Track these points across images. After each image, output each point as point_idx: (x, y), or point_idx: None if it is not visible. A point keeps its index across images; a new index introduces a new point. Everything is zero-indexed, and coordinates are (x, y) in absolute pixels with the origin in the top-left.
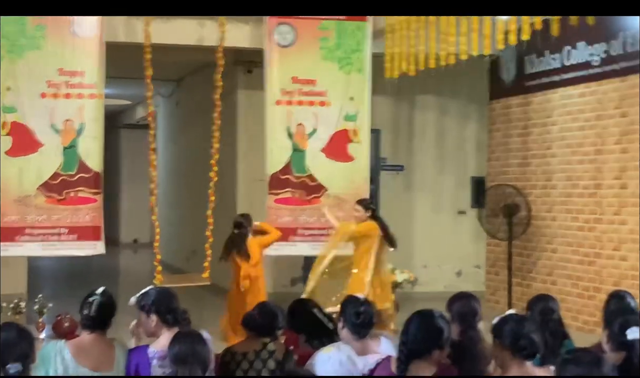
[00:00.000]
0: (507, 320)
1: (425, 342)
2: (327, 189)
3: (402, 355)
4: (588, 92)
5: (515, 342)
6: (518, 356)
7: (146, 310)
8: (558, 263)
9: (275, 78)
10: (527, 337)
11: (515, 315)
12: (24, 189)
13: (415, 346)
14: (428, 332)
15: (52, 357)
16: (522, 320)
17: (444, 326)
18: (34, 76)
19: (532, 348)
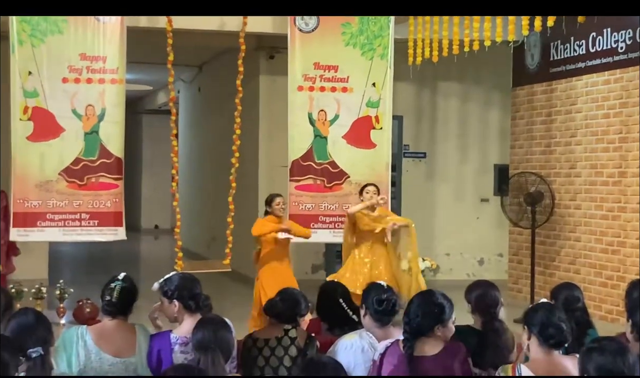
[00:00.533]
0: (539, 308)
1: (426, 318)
2: (349, 176)
3: (407, 334)
4: (613, 79)
5: (544, 330)
6: (546, 344)
7: (169, 295)
8: (581, 251)
9: (297, 64)
10: (555, 326)
11: (546, 304)
12: (45, 175)
13: (418, 324)
14: (429, 308)
15: (74, 341)
16: (552, 309)
17: (444, 303)
18: (55, 60)
19: (560, 336)
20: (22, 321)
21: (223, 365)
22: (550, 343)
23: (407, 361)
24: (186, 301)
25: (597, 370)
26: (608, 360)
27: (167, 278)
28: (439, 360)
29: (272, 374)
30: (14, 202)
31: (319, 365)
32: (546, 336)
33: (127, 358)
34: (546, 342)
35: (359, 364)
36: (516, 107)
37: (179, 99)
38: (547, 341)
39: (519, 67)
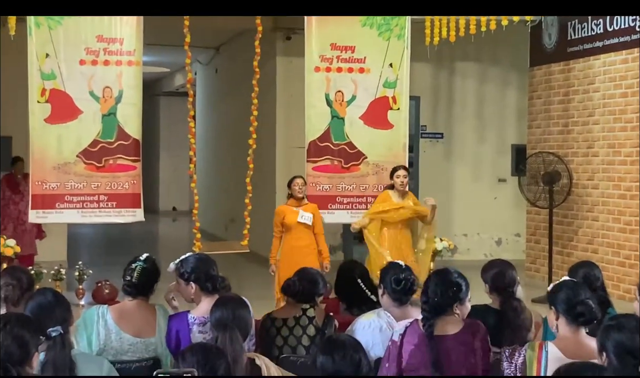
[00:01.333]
0: (562, 286)
1: (444, 297)
2: (366, 157)
3: (426, 313)
4: (631, 58)
5: (572, 309)
6: (574, 323)
7: (185, 278)
8: (599, 231)
9: (314, 45)
10: (584, 303)
11: (569, 282)
12: (63, 157)
13: (436, 302)
14: (446, 287)
15: (95, 321)
16: (576, 287)
17: (460, 281)
18: (73, 43)
19: (590, 315)
20: (41, 301)
21: (241, 343)
22: (580, 321)
23: (428, 340)
24: (203, 283)
25: (615, 347)
26: (626, 337)
27: (183, 259)
28: (459, 338)
29: (291, 353)
30: (32, 184)
31: (337, 343)
32: (575, 314)
33: (147, 338)
34: (575, 320)
35: (377, 343)
36: (533, 87)
37: (196, 81)
38: (576, 319)
39: (537, 47)
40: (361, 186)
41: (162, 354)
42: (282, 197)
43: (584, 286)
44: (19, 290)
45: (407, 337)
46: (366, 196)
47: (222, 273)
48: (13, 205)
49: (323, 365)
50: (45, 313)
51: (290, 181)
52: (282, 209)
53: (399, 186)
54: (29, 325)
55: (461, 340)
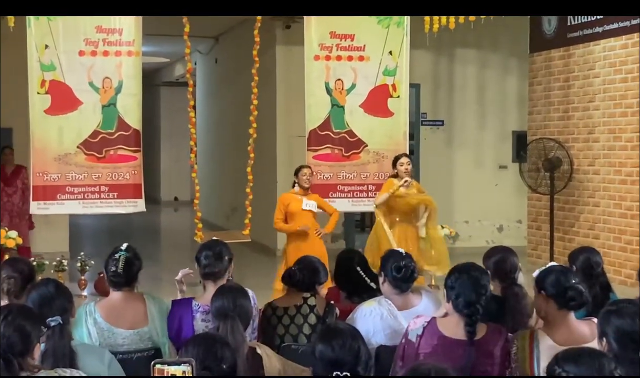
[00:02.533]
0: (551, 271)
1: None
2: (367, 145)
3: (470, 319)
4: (631, 44)
5: (562, 293)
6: (565, 307)
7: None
8: (600, 216)
9: (313, 33)
10: (574, 288)
11: (558, 266)
12: (64, 148)
13: (481, 311)
14: (481, 292)
15: (84, 320)
16: (565, 271)
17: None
18: (72, 33)
19: (580, 298)
20: (43, 292)
21: (242, 333)
22: (571, 306)
23: (468, 345)
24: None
25: (615, 332)
26: (627, 322)
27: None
28: (483, 344)
29: (292, 342)
30: (33, 175)
31: (336, 331)
32: (566, 299)
33: (141, 329)
34: (566, 304)
35: (378, 331)
36: (534, 73)
37: (196, 71)
38: (567, 304)
39: (536, 33)
40: (362, 175)
41: (159, 342)
42: (283, 186)
43: (573, 271)
44: (21, 281)
45: (425, 338)
46: (367, 184)
47: None
48: (6, 197)
49: (322, 353)
50: (46, 304)
51: (298, 170)
52: (287, 196)
53: (403, 173)
54: (30, 316)
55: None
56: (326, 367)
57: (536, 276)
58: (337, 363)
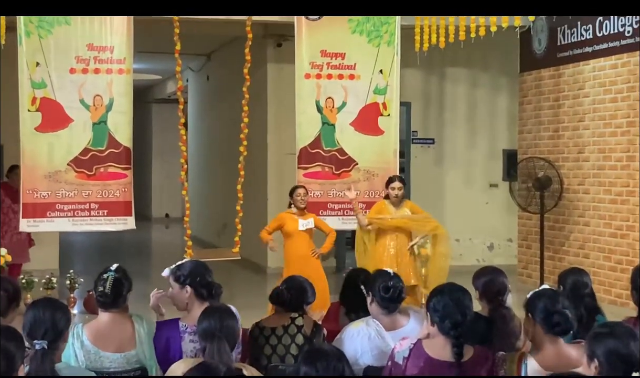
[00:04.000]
0: (541, 295)
1: (463, 325)
2: (357, 163)
3: (457, 341)
4: (620, 64)
5: (549, 318)
6: (551, 332)
7: (181, 281)
8: (590, 236)
9: (304, 52)
10: (560, 313)
11: (549, 290)
12: (54, 165)
13: (464, 331)
14: (466, 312)
15: (70, 342)
16: (555, 296)
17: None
18: (63, 51)
19: (565, 324)
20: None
21: (229, 354)
22: (556, 331)
23: (456, 366)
24: (198, 288)
25: (606, 354)
26: (618, 344)
27: (180, 264)
28: (468, 366)
29: (279, 362)
30: (23, 193)
31: (320, 353)
32: (551, 324)
33: (128, 352)
34: (551, 329)
35: (365, 351)
36: (524, 92)
37: (188, 88)
38: (552, 329)
39: (526, 52)
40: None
41: (145, 364)
42: (273, 203)
43: (564, 295)
44: (7, 300)
45: (412, 360)
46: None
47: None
48: (12, 214)
49: (306, 374)
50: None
51: (292, 190)
52: (284, 216)
53: (393, 197)
54: (14, 337)
55: (470, 369)
56: None
57: (527, 299)
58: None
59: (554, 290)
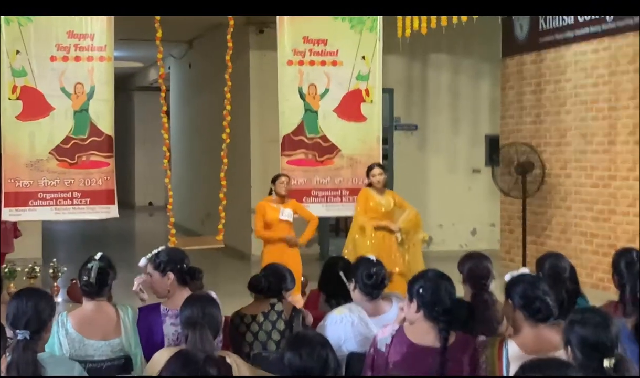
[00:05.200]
0: (520, 280)
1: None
2: (340, 150)
3: (445, 325)
4: (602, 48)
5: (529, 305)
6: (532, 318)
7: (162, 268)
8: (572, 220)
9: (286, 38)
10: (541, 299)
11: (528, 276)
12: (35, 154)
13: (451, 317)
14: (451, 297)
15: (55, 330)
16: (535, 281)
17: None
18: (43, 39)
19: (547, 311)
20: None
21: (212, 342)
22: (537, 318)
23: (441, 353)
24: (180, 273)
25: (579, 341)
26: (590, 332)
27: (156, 252)
28: (451, 352)
29: (261, 349)
30: (5, 182)
31: (304, 340)
32: (532, 310)
33: (112, 340)
34: (533, 316)
35: (349, 338)
36: (506, 77)
37: (170, 76)
38: (533, 315)
39: (508, 38)
40: (336, 179)
41: (130, 352)
42: (257, 191)
43: (543, 281)
44: None
45: (395, 346)
46: (341, 189)
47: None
48: None
49: (290, 361)
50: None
51: (275, 178)
52: (263, 205)
53: (376, 184)
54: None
55: (452, 354)
56: (294, 375)
57: (505, 284)
58: (305, 371)
59: (533, 275)
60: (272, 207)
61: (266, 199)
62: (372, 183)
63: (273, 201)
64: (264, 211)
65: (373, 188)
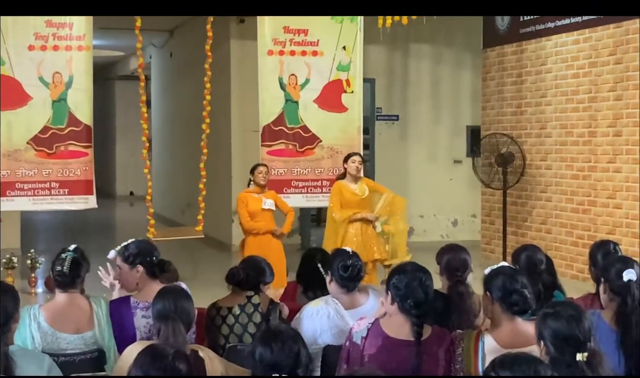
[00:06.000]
0: (499, 273)
1: (425, 305)
2: (321, 141)
3: (417, 320)
4: (582, 39)
5: (507, 297)
6: (509, 311)
7: (130, 261)
8: (552, 211)
9: (267, 28)
10: (519, 292)
11: (507, 268)
12: (13, 144)
13: (426, 309)
14: (427, 292)
15: (27, 324)
16: (514, 274)
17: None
18: (21, 28)
19: (524, 304)
20: None
21: (184, 335)
22: (514, 311)
23: (415, 346)
24: (149, 266)
25: (552, 335)
26: (563, 326)
27: (125, 245)
28: (426, 345)
29: (237, 341)
30: None
31: (276, 333)
32: (509, 303)
33: (85, 333)
34: (510, 309)
35: (325, 330)
36: (487, 68)
37: (152, 65)
38: (510, 308)
39: (490, 28)
40: (316, 170)
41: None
42: (238, 181)
43: (522, 274)
44: None
45: (370, 339)
46: (321, 180)
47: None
48: None
49: (261, 355)
50: None
51: (254, 168)
52: (245, 196)
53: (353, 170)
54: None
55: (428, 348)
56: (265, 369)
57: (484, 277)
58: (276, 365)
59: (512, 267)
60: (254, 197)
61: (245, 190)
62: (349, 169)
63: (253, 191)
64: (246, 201)
65: (347, 177)
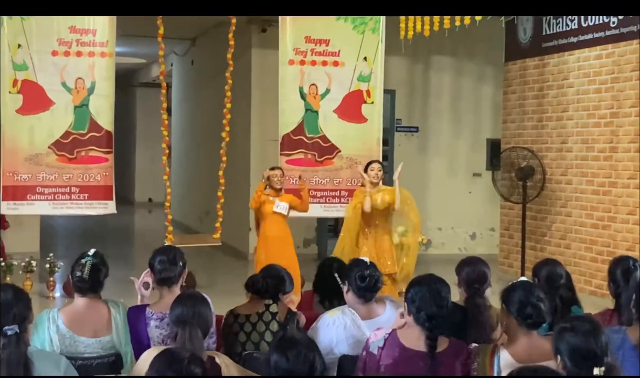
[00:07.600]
0: (517, 287)
1: (439, 318)
2: (340, 151)
3: (430, 333)
4: (605, 54)
5: (522, 310)
6: (524, 324)
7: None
8: (572, 226)
9: (288, 38)
10: (534, 305)
11: (525, 282)
12: (35, 148)
13: (441, 323)
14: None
15: (46, 327)
16: (531, 288)
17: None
18: (45, 33)
19: (538, 317)
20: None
21: (201, 340)
22: (528, 323)
23: (429, 359)
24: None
25: (569, 350)
26: (580, 340)
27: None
28: (443, 357)
29: (254, 349)
30: (4, 175)
31: (291, 342)
32: (524, 316)
33: (103, 338)
34: (524, 321)
35: (341, 340)
36: (508, 81)
37: (173, 73)
38: (524, 320)
39: (512, 42)
40: (335, 180)
41: (120, 350)
42: None
43: (539, 288)
44: None
45: (387, 350)
46: (340, 190)
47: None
48: None
49: (276, 363)
50: (4, 311)
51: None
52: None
53: (372, 177)
54: None
55: (444, 360)
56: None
57: (503, 291)
58: (291, 373)
59: (530, 282)
60: (268, 199)
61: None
62: (369, 175)
63: (268, 194)
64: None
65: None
